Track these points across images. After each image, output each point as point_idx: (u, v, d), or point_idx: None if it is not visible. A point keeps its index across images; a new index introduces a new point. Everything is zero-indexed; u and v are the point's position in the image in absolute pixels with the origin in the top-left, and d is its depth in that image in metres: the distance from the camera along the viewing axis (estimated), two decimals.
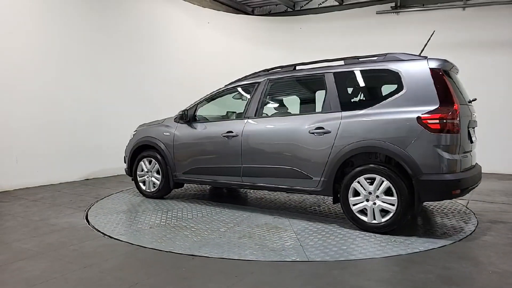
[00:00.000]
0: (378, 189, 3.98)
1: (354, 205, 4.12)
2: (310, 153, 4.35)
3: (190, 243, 3.77)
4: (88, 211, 5.07)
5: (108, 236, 4.04)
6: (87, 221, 4.61)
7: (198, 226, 4.35)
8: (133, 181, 5.99)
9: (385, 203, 3.95)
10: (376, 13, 9.85)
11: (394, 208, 3.90)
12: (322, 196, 5.91)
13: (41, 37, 6.88)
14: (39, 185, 6.75)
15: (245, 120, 4.91)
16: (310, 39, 10.61)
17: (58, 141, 7.10)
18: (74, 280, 2.95)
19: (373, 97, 4.50)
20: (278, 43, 10.87)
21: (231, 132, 4.94)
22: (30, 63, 6.72)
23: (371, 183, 4.02)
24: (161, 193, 5.70)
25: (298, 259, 3.38)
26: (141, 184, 5.86)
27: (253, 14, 11.75)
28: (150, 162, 5.73)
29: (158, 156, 5.60)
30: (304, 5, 11.04)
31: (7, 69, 6.41)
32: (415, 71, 3.99)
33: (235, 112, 5.76)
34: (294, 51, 10.63)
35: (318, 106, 4.64)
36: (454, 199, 5.61)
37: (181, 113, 5.45)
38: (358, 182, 4.08)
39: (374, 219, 4.02)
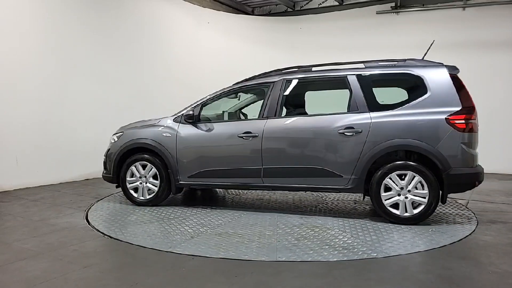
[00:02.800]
0: (409, 184, 4.31)
1: (385, 200, 4.40)
2: (340, 152, 4.52)
3: (258, 250, 3.59)
4: (88, 211, 5.07)
5: (108, 236, 4.04)
6: (87, 221, 4.61)
7: (239, 232, 4.15)
8: (118, 188, 5.43)
9: (417, 197, 4.32)
10: (376, 13, 9.85)
11: (425, 200, 4.29)
12: (324, 193, 5.94)
13: (41, 38, 6.87)
14: (39, 185, 6.74)
15: (265, 120, 4.83)
16: (310, 39, 10.60)
17: (58, 141, 7.09)
18: (74, 280, 2.95)
19: (398, 99, 4.69)
20: (278, 43, 10.86)
21: (250, 132, 4.80)
22: (30, 63, 6.71)
23: (402, 179, 4.36)
24: (159, 200, 5.24)
25: (379, 256, 3.44)
26: (131, 191, 5.30)
27: (253, 14, 11.74)
28: (143, 167, 5.23)
29: (156, 160, 5.15)
30: (304, 5, 11.04)
31: (7, 70, 6.40)
32: (437, 76, 4.44)
33: (228, 112, 5.70)
34: (294, 51, 10.62)
35: (342, 107, 4.82)
36: (454, 199, 5.66)
37: (190, 112, 5.05)
38: (390, 178, 4.37)
39: (406, 211, 4.35)
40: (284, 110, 5.28)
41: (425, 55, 4.97)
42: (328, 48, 10.26)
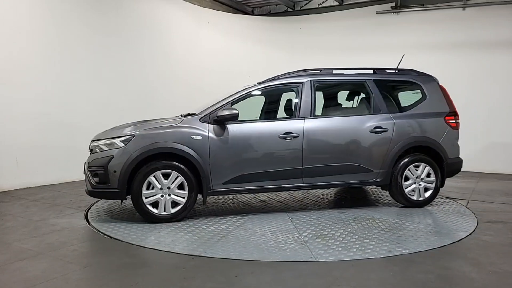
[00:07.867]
0: (422, 173, 5.15)
1: (405, 188, 5.12)
2: (372, 149, 5.03)
3: (392, 247, 3.63)
4: (88, 211, 5.07)
5: (108, 236, 4.04)
6: (87, 221, 4.61)
7: (325, 233, 4.07)
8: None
9: (427, 183, 5.18)
10: (376, 13, 9.85)
11: (433, 186, 5.19)
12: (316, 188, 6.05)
13: (41, 38, 6.87)
14: (39, 185, 6.74)
15: (303, 120, 4.86)
16: (310, 39, 10.60)
17: (58, 141, 7.09)
18: (74, 280, 2.95)
19: (406, 102, 5.44)
20: (278, 43, 10.87)
21: (291, 133, 4.75)
22: (30, 63, 6.71)
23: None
24: (186, 213, 4.54)
25: (466, 235, 4.02)
26: (149, 207, 4.42)
27: (253, 14, 11.74)
28: (165, 176, 4.45)
29: (184, 167, 4.47)
30: (304, 5, 11.04)
31: (7, 70, 6.40)
32: (430, 84, 5.40)
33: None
34: (294, 51, 10.63)
35: (363, 108, 5.38)
36: (454, 200, 5.69)
37: (225, 112, 4.54)
38: (409, 170, 5.11)
39: (420, 196, 5.17)
40: (324, 110, 5.60)
41: (398, 66, 5.63)
42: (328, 48, 10.27)
